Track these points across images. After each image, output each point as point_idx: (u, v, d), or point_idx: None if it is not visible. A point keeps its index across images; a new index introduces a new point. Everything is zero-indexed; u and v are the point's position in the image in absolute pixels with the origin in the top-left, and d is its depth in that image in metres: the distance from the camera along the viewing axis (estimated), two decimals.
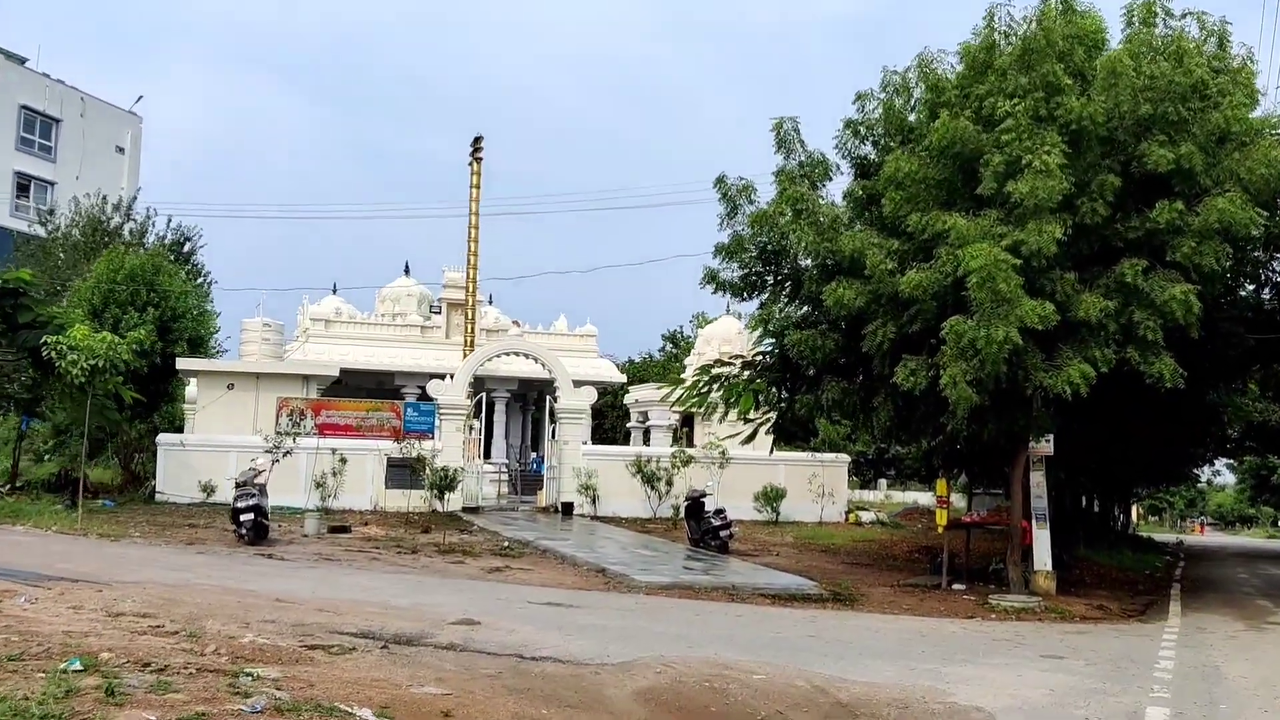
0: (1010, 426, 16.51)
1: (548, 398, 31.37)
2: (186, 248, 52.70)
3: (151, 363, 27.62)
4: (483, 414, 34.23)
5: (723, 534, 22.16)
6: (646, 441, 38.44)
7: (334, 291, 45.79)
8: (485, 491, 33.20)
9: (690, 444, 33.98)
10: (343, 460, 27.36)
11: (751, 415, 21.10)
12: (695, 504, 23.41)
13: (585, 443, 31.50)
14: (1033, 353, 15.01)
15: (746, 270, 18.64)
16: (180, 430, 30.50)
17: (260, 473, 20.31)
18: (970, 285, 14.05)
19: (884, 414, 17.86)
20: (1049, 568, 18.04)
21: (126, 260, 28.62)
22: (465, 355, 34.29)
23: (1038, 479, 18.03)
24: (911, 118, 18.13)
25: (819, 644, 11.74)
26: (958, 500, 32.96)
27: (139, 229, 50.45)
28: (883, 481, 58.06)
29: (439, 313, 41.24)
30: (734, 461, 29.76)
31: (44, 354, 19.61)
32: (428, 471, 27.73)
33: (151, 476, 27.75)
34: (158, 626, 10.59)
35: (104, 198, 48.60)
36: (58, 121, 58.61)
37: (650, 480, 29.08)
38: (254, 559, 16.97)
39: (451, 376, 29.99)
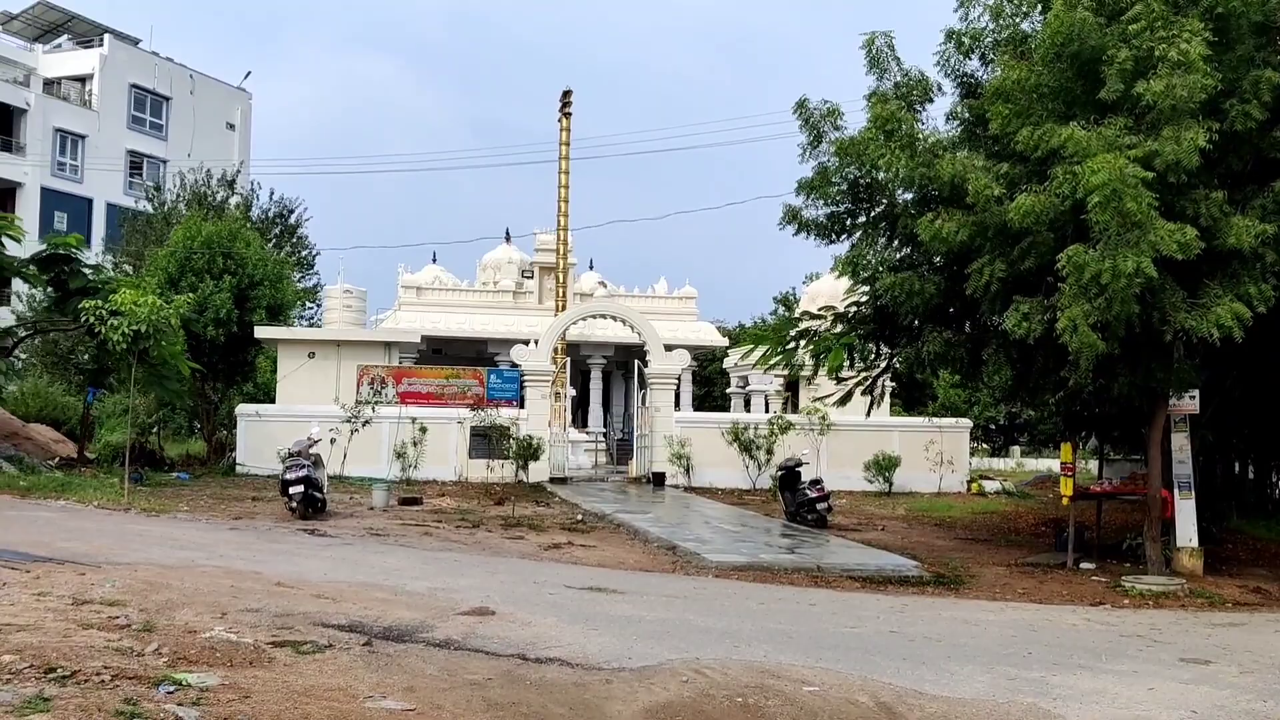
0: (1146, 380, 13.96)
1: (635, 362, 29.57)
2: (292, 219, 52.66)
3: (229, 331, 26.81)
4: (568, 380, 32.67)
5: (819, 506, 20.06)
6: (748, 408, 36.33)
7: (434, 260, 44.88)
8: (580, 461, 31.72)
9: (795, 409, 31.83)
10: (423, 430, 26.11)
11: (846, 374, 18.82)
12: (790, 474, 21.34)
13: (678, 409, 29.64)
14: (1171, 289, 12.49)
15: (834, 207, 16.37)
16: (274, 401, 29.75)
17: (316, 442, 19.03)
18: (1091, 207, 11.59)
19: (996, 368, 15.46)
20: (1194, 543, 15.46)
21: (203, 227, 27.80)
22: None
23: (1180, 441, 15.43)
24: (1025, 26, 15.61)
25: (900, 643, 9.62)
26: (1088, 466, 30.07)
27: (244, 202, 50.53)
28: (1015, 448, 54.69)
29: (531, 277, 39.76)
30: (841, 428, 27.58)
31: (82, 319, 18.62)
32: (511, 441, 26.35)
33: (233, 449, 27.03)
34: (115, 618, 9.14)
35: (208, 171, 48.68)
36: (168, 99, 59.17)
37: (748, 449, 27.10)
38: (291, 535, 15.61)
39: (536, 342, 28.41)
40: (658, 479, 26.94)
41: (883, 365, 18.01)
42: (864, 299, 17.31)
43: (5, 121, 51.94)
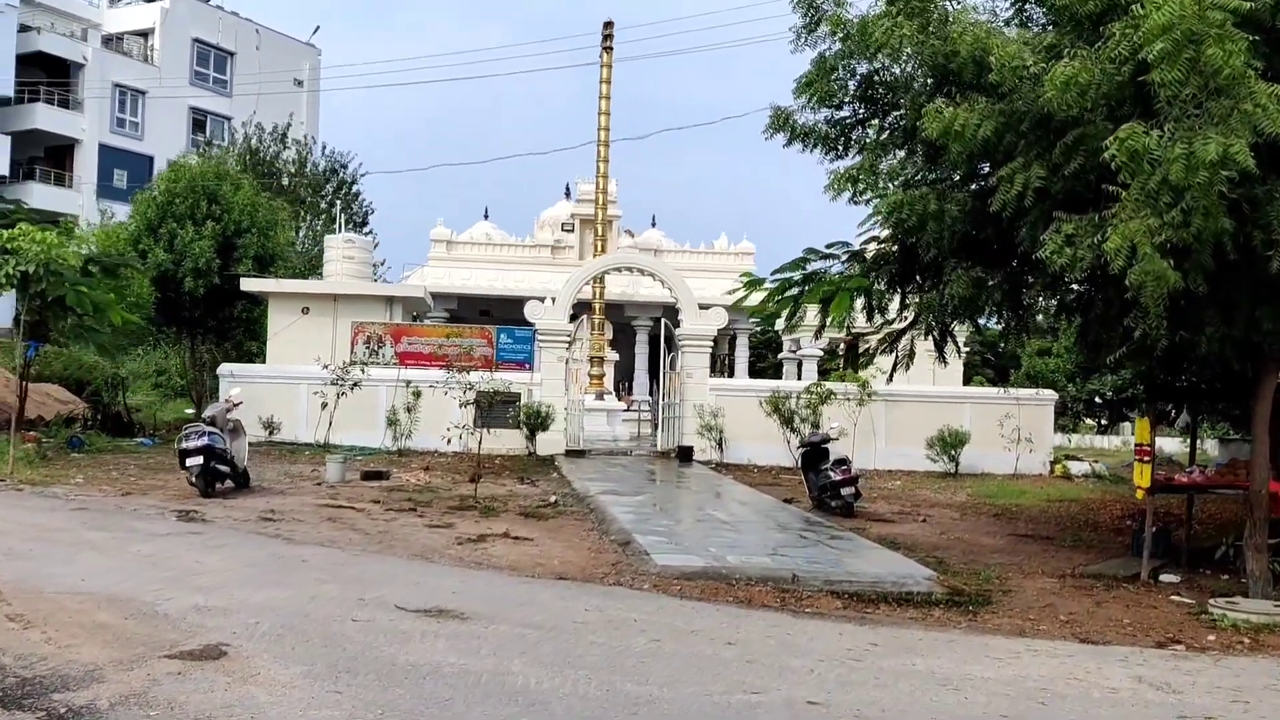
0: (1247, 333, 10.03)
1: (663, 322, 26.16)
2: (348, 172, 50.52)
3: (210, 284, 24.27)
4: (584, 342, 29.44)
5: (844, 491, 16.52)
6: (800, 375, 32.57)
7: (485, 216, 42.16)
8: (618, 432, 28.61)
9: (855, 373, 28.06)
10: (416, 394, 23.22)
11: (864, 328, 15.10)
12: (814, 451, 17.82)
13: (731, 375, 26.14)
14: None
15: (837, 111, 12.64)
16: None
17: (235, 406, 16.17)
18: (1154, 62, 7.79)
19: (1046, 318, 11.64)
20: None
21: (188, 169, 25.28)
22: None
23: None
24: None
25: None
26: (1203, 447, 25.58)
27: (298, 157, 48.58)
28: (1125, 425, 49.46)
29: (572, 230, 36.56)
30: (899, 398, 23.94)
31: None
32: (519, 409, 23.36)
33: None
34: None
35: (258, 126, 46.82)
36: (232, 55, 57.41)
37: (789, 421, 23.50)
38: (152, 518, 12.72)
39: (554, 299, 25.19)
40: (684, 454, 23.59)
41: (909, 318, 14.24)
42: (885, 233, 13.56)
43: (62, 76, 50.68)
